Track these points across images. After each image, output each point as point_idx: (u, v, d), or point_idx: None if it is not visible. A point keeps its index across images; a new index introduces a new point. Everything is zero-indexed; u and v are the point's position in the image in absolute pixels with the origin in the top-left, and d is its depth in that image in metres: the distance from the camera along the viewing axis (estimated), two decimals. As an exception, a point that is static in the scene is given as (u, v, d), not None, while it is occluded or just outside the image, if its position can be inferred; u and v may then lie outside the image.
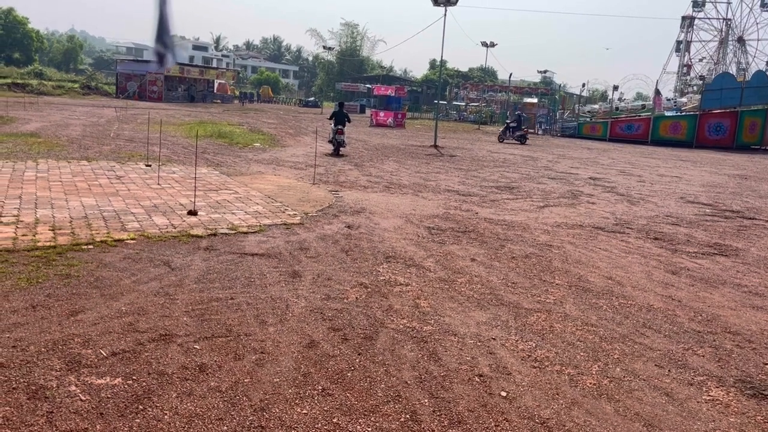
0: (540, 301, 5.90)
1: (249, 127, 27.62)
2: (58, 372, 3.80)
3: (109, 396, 3.57)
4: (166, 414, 3.43)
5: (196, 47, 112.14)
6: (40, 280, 5.41)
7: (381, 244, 7.70)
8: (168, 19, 1.89)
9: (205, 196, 10.06)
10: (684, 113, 43.69)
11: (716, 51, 78.14)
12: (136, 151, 16.10)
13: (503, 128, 32.78)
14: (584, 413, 3.77)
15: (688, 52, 78.46)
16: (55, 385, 3.64)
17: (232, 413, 3.49)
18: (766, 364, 4.72)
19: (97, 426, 3.27)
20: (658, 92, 45.10)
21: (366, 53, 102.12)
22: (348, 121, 19.57)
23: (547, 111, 49.97)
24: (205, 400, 3.61)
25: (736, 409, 3.97)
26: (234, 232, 7.78)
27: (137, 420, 3.35)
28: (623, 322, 5.47)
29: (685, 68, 78.30)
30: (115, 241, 6.90)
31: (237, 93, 71.80)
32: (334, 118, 19.51)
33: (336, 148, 19.23)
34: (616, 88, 65.61)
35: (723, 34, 77.10)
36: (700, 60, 79.77)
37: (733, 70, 72.36)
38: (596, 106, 64.69)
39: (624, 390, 4.12)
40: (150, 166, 13.29)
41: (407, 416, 3.60)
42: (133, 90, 54.84)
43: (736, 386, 4.29)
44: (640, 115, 45.19)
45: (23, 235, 6.85)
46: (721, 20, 77.05)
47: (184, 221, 8.15)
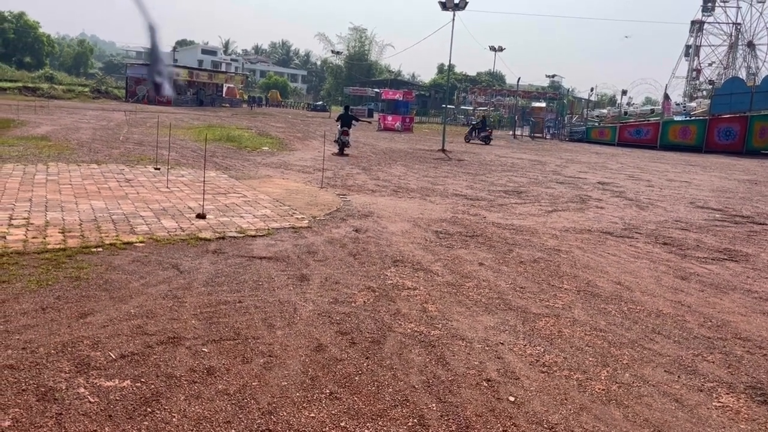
0: (548, 305, 5.88)
1: (257, 131, 27.71)
2: (67, 374, 3.82)
3: (117, 398, 3.58)
4: (174, 417, 3.44)
5: (205, 51, 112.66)
6: (50, 283, 5.45)
7: (389, 248, 7.70)
8: (159, 49, 1.93)
9: (214, 200, 10.10)
10: (693, 118, 43.51)
11: (726, 55, 77.80)
12: (146, 154, 16.19)
13: (470, 129, 34.96)
14: (593, 419, 3.75)
15: (698, 57, 78.19)
16: (64, 387, 3.65)
17: (240, 416, 3.50)
18: (777, 370, 4.68)
19: (106, 428, 3.28)
20: (667, 97, 44.95)
21: (374, 57, 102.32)
22: (356, 121, 21.43)
23: (555, 115, 49.85)
24: (213, 403, 3.62)
25: (746, 415, 3.94)
26: (242, 235, 7.80)
27: (146, 422, 3.36)
28: (632, 327, 5.44)
29: (694, 73, 78.00)
30: (124, 243, 6.94)
31: (245, 97, 72.07)
32: (340, 121, 21.35)
33: (341, 148, 20.71)
34: (624, 92, 65.54)
35: (733, 38, 76.76)
36: (710, 64, 79.47)
37: (742, 74, 71.99)
38: (605, 111, 64.56)
39: (633, 396, 4.10)
40: (159, 169, 13.36)
41: (415, 421, 3.59)
42: (143, 94, 55.16)
43: (746, 393, 4.26)
44: (649, 120, 45.05)
45: (33, 238, 6.90)
46: (731, 24, 76.73)
47: (192, 224, 8.18)
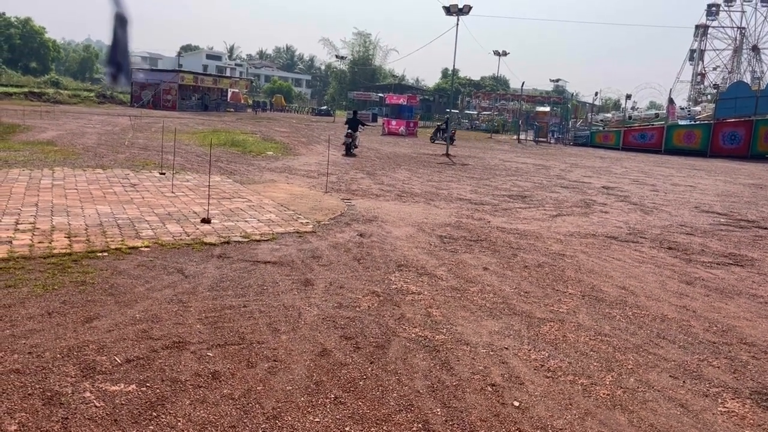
0: (553, 310, 5.88)
1: (262, 136, 27.77)
2: (73, 378, 3.83)
3: (123, 402, 3.59)
4: (179, 421, 3.45)
5: (209, 56, 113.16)
6: (56, 287, 5.47)
7: (393, 253, 7.70)
8: (124, 41, 1.95)
9: (219, 204, 10.13)
10: (698, 122, 43.43)
11: (730, 60, 77.66)
12: (151, 159, 16.25)
13: (435, 130, 36.37)
14: (598, 424, 3.75)
15: (702, 61, 78.05)
16: (70, 392, 3.67)
17: (245, 421, 3.50)
18: (783, 375, 4.67)
19: (112, 432, 3.29)
20: (671, 101, 44.93)
21: (378, 62, 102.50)
22: (362, 125, 23.33)
23: (559, 120, 49.84)
24: (218, 407, 3.63)
25: (752, 421, 3.92)
26: (247, 240, 7.82)
27: (151, 427, 3.37)
28: (637, 332, 5.43)
29: (698, 77, 77.86)
30: (129, 248, 6.96)
31: (250, 102, 72.21)
32: (348, 124, 23.36)
33: (347, 149, 22.34)
34: (629, 96, 65.28)
35: (737, 42, 76.64)
36: (714, 69, 79.31)
37: (747, 78, 71.83)
38: (609, 115, 64.49)
39: (638, 401, 4.09)
40: (164, 174, 13.40)
41: (419, 425, 3.60)
42: (148, 99, 55.38)
43: (752, 398, 4.25)
44: (653, 124, 44.98)
45: (39, 243, 6.93)
46: (735, 29, 76.63)
47: (197, 229, 8.20)
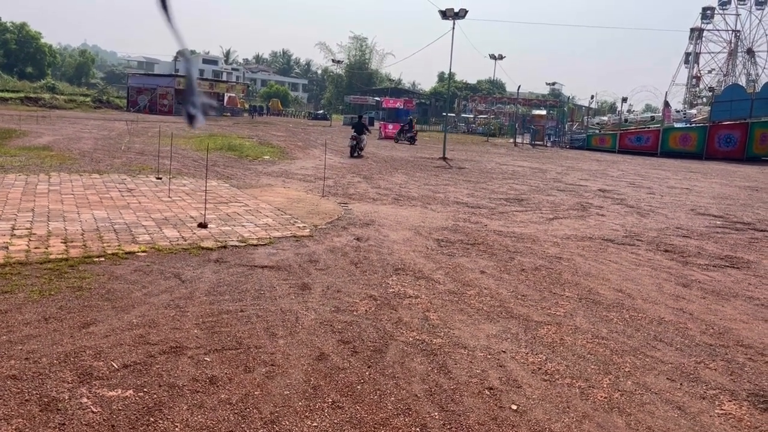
0: (550, 313, 5.88)
1: (258, 140, 27.78)
2: (70, 384, 3.82)
3: (120, 408, 3.58)
4: (176, 426, 3.44)
5: (206, 61, 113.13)
6: (53, 293, 5.46)
7: (390, 257, 7.71)
8: (194, 81, 1.97)
9: (216, 209, 10.12)
10: (693, 125, 43.57)
11: (725, 62, 77.97)
12: (147, 164, 16.24)
13: (398, 131, 37.92)
14: (595, 427, 3.75)
15: (697, 64, 78.36)
16: (67, 397, 3.66)
17: (243, 426, 3.50)
18: (780, 377, 4.68)
19: (109, 438, 3.28)
20: (667, 104, 45.03)
21: (375, 66, 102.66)
22: (367, 130, 24.57)
23: (555, 123, 49.94)
24: (216, 412, 3.62)
25: (749, 423, 3.93)
26: (244, 244, 7.82)
27: (148, 432, 3.36)
28: (634, 335, 5.44)
29: (694, 80, 78.17)
30: (126, 253, 6.95)
31: (246, 106, 72.22)
32: (353, 128, 24.56)
33: (351, 150, 23.44)
34: (624, 99, 65.53)
35: (732, 45, 76.96)
36: (710, 72, 79.61)
37: (742, 81, 72.15)
38: (605, 118, 64.65)
39: (635, 403, 4.10)
40: (161, 178, 13.39)
41: (417, 429, 3.60)
42: (144, 103, 55.36)
43: (749, 400, 4.26)
44: (649, 127, 45.12)
45: (36, 248, 6.92)
46: (730, 32, 76.96)
47: (194, 234, 8.19)
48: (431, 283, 6.64)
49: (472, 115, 67.42)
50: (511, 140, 46.74)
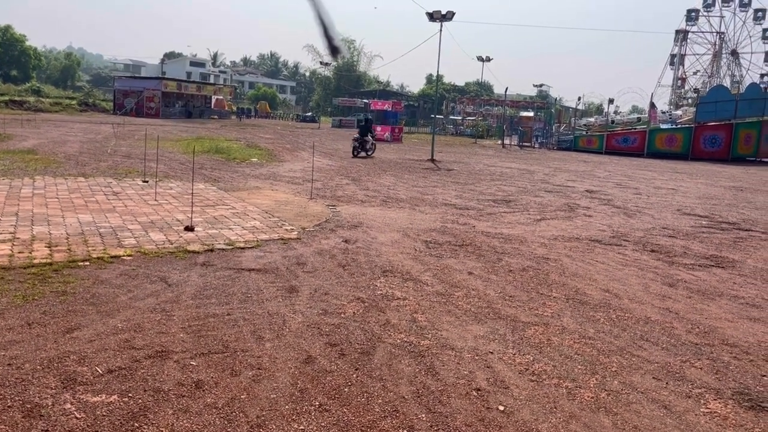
0: (537, 314, 5.90)
1: (246, 143, 27.68)
2: (53, 390, 3.78)
3: (104, 414, 3.55)
4: (162, 431, 3.41)
5: (193, 63, 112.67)
6: (36, 297, 5.40)
7: (378, 259, 7.70)
8: (327, 14, 2.05)
9: (202, 212, 10.07)
10: (679, 126, 43.93)
11: (710, 64, 78.71)
12: (134, 167, 16.13)
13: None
14: (582, 427, 3.76)
15: (683, 66, 79.04)
16: (50, 403, 3.62)
17: (229, 430, 3.47)
18: (764, 375, 4.72)
19: (93, 444, 3.25)
20: (653, 105, 45.41)
21: (363, 68, 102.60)
22: (371, 133, 25.75)
23: (543, 124, 50.18)
24: (202, 417, 3.59)
25: (734, 421, 3.96)
26: (231, 247, 7.78)
27: (133, 438, 3.33)
28: (621, 334, 5.46)
29: (679, 81, 78.82)
30: (111, 257, 6.89)
31: (234, 109, 71.99)
32: (359, 130, 26.23)
33: (353, 150, 24.87)
34: (611, 101, 66.01)
35: (716, 47, 77.73)
36: (695, 73, 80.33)
37: (727, 82, 72.82)
38: (592, 119, 65.01)
39: (622, 403, 4.11)
40: (147, 182, 13.31)
41: (404, 431, 3.59)
42: (131, 106, 55.00)
43: (734, 398, 4.29)
44: (635, 128, 45.45)
45: (19, 252, 6.84)
46: (715, 34, 77.74)
47: (180, 237, 8.14)
48: (419, 285, 6.64)
49: (460, 117, 67.58)
50: (499, 142, 46.90)
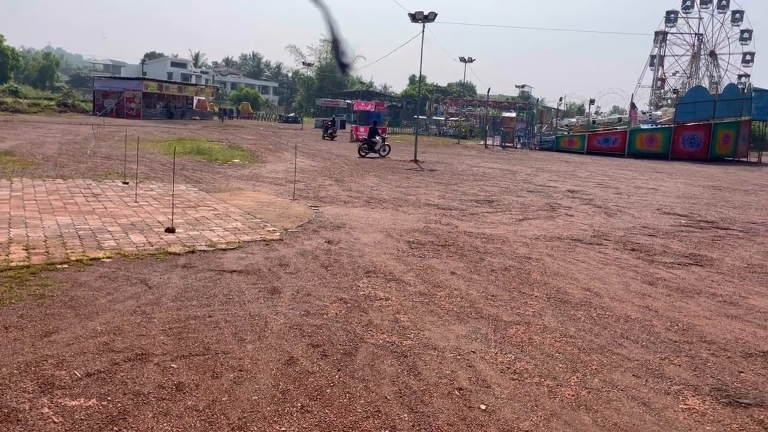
0: (519, 313, 5.93)
1: (228, 144, 27.51)
2: (30, 394, 3.73)
3: (83, 417, 3.50)
4: (141, 435, 3.38)
5: (174, 64, 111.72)
6: (13, 301, 5.32)
7: (361, 259, 7.69)
8: (339, 32, 2.03)
9: (184, 213, 9.99)
10: (659, 126, 44.44)
11: (689, 65, 79.64)
12: (113, 168, 15.95)
13: (324, 128, 41.99)
14: (563, 424, 3.79)
15: (662, 66, 79.85)
16: (27, 408, 3.56)
17: (210, 432, 3.45)
18: (741, 372, 4.79)
19: (71, 449, 3.20)
20: (633, 105, 45.84)
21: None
22: (378, 135, 26.92)
23: (525, 125, 50.48)
24: (182, 419, 3.56)
25: (712, 417, 4.01)
26: (212, 249, 7.73)
27: (112, 441, 3.29)
28: (601, 333, 5.51)
29: (659, 82, 79.62)
30: (90, 259, 6.81)
31: (216, 109, 71.45)
32: (369, 132, 27.53)
33: (359, 151, 26.43)
34: (592, 101, 66.44)
35: (695, 48, 78.69)
36: (674, 74, 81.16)
37: (705, 83, 73.75)
38: (573, 120, 65.46)
39: (602, 400, 4.15)
40: (127, 183, 13.17)
41: (387, 431, 3.59)
42: (111, 107, 54.39)
43: (711, 395, 4.35)
44: (616, 128, 45.88)
45: (-4, 255, 6.73)
46: (693, 35, 78.69)
47: (161, 239, 8.07)
48: (402, 285, 6.65)
49: (443, 118, 67.76)
50: (482, 142, 47.10)
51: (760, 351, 5.27)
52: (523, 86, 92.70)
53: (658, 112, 56.95)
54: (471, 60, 64.25)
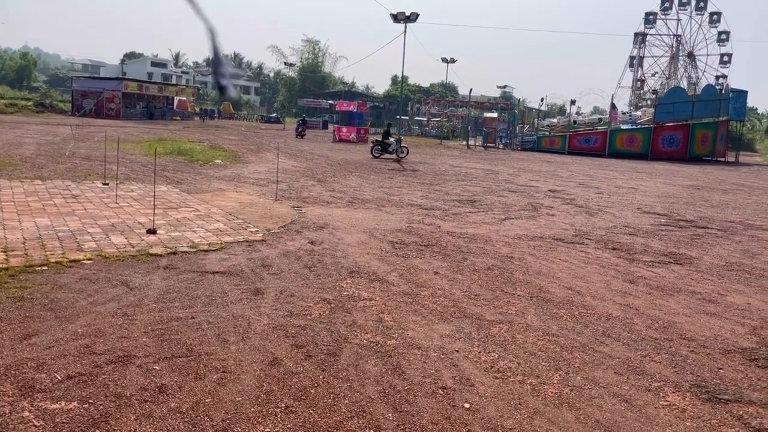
0: (502, 312, 5.97)
1: (210, 144, 27.31)
2: (10, 398, 3.67)
3: (64, 421, 3.46)
4: (124, 438, 3.34)
5: (154, 64, 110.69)
6: (-8, 304, 5.24)
7: (344, 260, 7.69)
8: (220, 52, 1.98)
9: (165, 214, 9.90)
10: (639, 126, 44.95)
11: (668, 66, 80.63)
12: (93, 169, 15.76)
13: (297, 126, 41.59)
14: (546, 422, 3.82)
15: (641, 67, 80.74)
16: (7, 411, 3.51)
17: (193, 434, 3.42)
18: (720, 368, 4.86)
19: (52, 452, 3.16)
20: (613, 106, 46.29)
21: (328, 69, 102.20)
22: (390, 136, 26.76)
23: (507, 125, 50.76)
24: (165, 421, 3.54)
25: (692, 413, 4.07)
26: (194, 250, 7.67)
27: (94, 445, 3.26)
28: (583, 331, 5.57)
29: (638, 83, 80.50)
30: (70, 261, 6.73)
31: (197, 110, 70.92)
32: (382, 134, 27.58)
33: (372, 150, 26.52)
34: (573, 102, 66.99)
35: (674, 49, 79.70)
36: (653, 75, 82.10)
37: (684, 84, 74.72)
38: (555, 120, 65.94)
39: (584, 398, 4.19)
40: (107, 184, 13.03)
41: (371, 431, 3.59)
42: (90, 107, 53.72)
43: (691, 391, 4.41)
44: (597, 129, 46.32)
45: (-27, 258, 6.62)
46: (672, 36, 79.68)
47: (142, 240, 8.00)
48: (385, 285, 6.65)
49: (425, 118, 67.87)
50: (464, 142, 47.28)
51: (738, 347, 5.36)
52: (504, 87, 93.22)
53: (638, 113, 57.60)
54: (453, 60, 64.56)
